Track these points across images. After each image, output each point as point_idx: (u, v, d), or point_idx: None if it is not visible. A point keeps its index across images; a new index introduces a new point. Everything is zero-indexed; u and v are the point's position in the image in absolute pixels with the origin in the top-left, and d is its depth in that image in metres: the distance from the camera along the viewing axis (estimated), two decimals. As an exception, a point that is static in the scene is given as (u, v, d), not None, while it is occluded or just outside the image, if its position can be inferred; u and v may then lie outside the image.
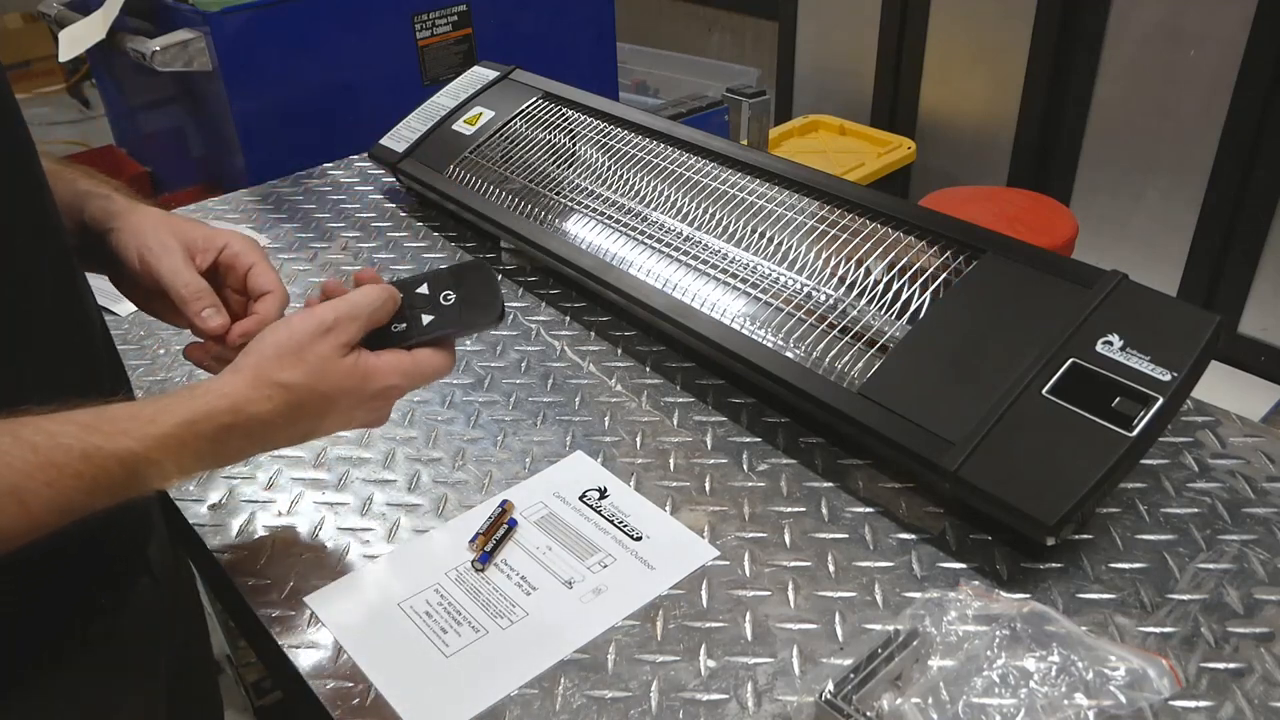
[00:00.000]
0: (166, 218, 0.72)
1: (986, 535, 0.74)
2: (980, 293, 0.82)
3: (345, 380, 0.63)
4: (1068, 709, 0.58)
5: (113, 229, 0.70)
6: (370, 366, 0.64)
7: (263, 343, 0.62)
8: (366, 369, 0.64)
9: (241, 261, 0.71)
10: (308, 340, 0.62)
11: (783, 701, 0.62)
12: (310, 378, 0.61)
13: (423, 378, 0.67)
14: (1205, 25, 2.07)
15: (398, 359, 0.65)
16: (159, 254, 0.69)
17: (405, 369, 0.66)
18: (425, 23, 1.68)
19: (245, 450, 0.62)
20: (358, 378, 0.63)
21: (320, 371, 0.62)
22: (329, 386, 0.62)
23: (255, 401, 0.60)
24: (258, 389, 0.60)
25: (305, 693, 0.65)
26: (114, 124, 2.05)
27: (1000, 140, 2.51)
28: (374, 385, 0.64)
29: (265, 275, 0.71)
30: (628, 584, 0.71)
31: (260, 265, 0.72)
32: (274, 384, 0.60)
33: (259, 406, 0.60)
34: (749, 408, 0.89)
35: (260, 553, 0.76)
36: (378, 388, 0.64)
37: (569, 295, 1.08)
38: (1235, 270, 2.19)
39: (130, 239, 0.70)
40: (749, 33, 3.31)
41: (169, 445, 0.56)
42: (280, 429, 0.62)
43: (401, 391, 0.66)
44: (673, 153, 1.10)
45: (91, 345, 0.68)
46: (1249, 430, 0.84)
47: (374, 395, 0.65)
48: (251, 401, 0.59)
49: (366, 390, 0.64)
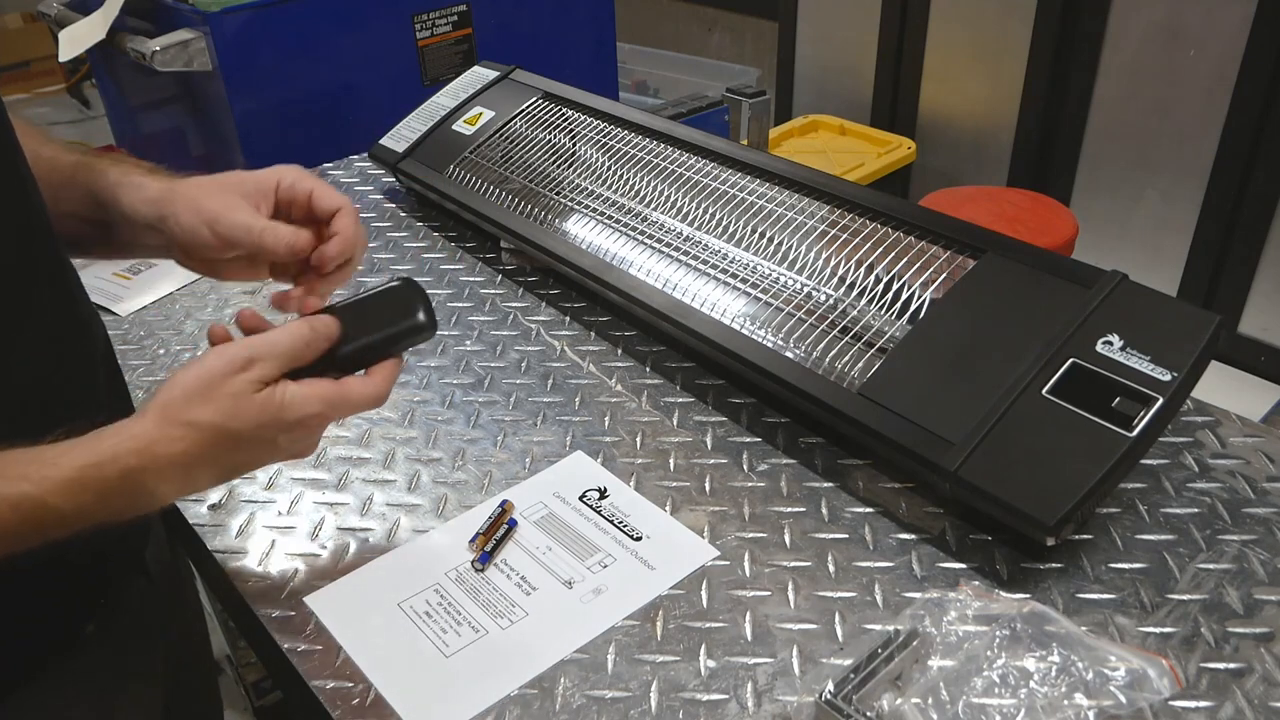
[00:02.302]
0: (211, 184, 0.69)
1: (986, 535, 0.74)
2: (980, 293, 0.82)
3: (260, 415, 0.59)
4: (1068, 709, 0.58)
5: (165, 215, 0.68)
6: (288, 398, 0.60)
7: (172, 383, 0.59)
8: (283, 400, 0.60)
9: (299, 190, 0.69)
10: (218, 379, 0.59)
11: (783, 701, 0.62)
12: (221, 416, 0.58)
13: (350, 406, 0.63)
14: (1205, 25, 2.07)
15: (320, 388, 0.61)
16: (229, 217, 0.67)
17: (328, 397, 0.61)
18: (425, 23, 1.68)
19: (164, 491, 0.59)
20: (273, 410, 0.59)
21: (232, 410, 0.58)
22: (241, 424, 0.58)
23: (162, 442, 0.57)
24: (164, 429, 0.57)
25: (305, 693, 0.65)
26: (114, 124, 2.05)
27: (1000, 140, 2.51)
28: (292, 415, 0.60)
29: (327, 195, 0.69)
30: (628, 584, 0.71)
31: (319, 187, 0.70)
32: (183, 423, 0.57)
33: (168, 447, 0.57)
34: (749, 408, 0.89)
35: (260, 553, 0.76)
36: (296, 417, 0.60)
37: (569, 295, 1.08)
38: (1235, 270, 2.19)
39: (192, 218, 0.67)
40: (749, 33, 3.31)
41: (69, 489, 0.54)
42: (198, 468, 0.59)
43: (326, 420, 0.62)
44: (673, 153, 1.10)
45: (86, 345, 0.68)
46: (1249, 430, 0.84)
47: (294, 425, 0.60)
48: (158, 442, 0.57)
49: (285, 420, 0.60)
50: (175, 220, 0.68)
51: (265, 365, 0.60)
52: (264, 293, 1.11)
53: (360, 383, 0.64)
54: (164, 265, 1.17)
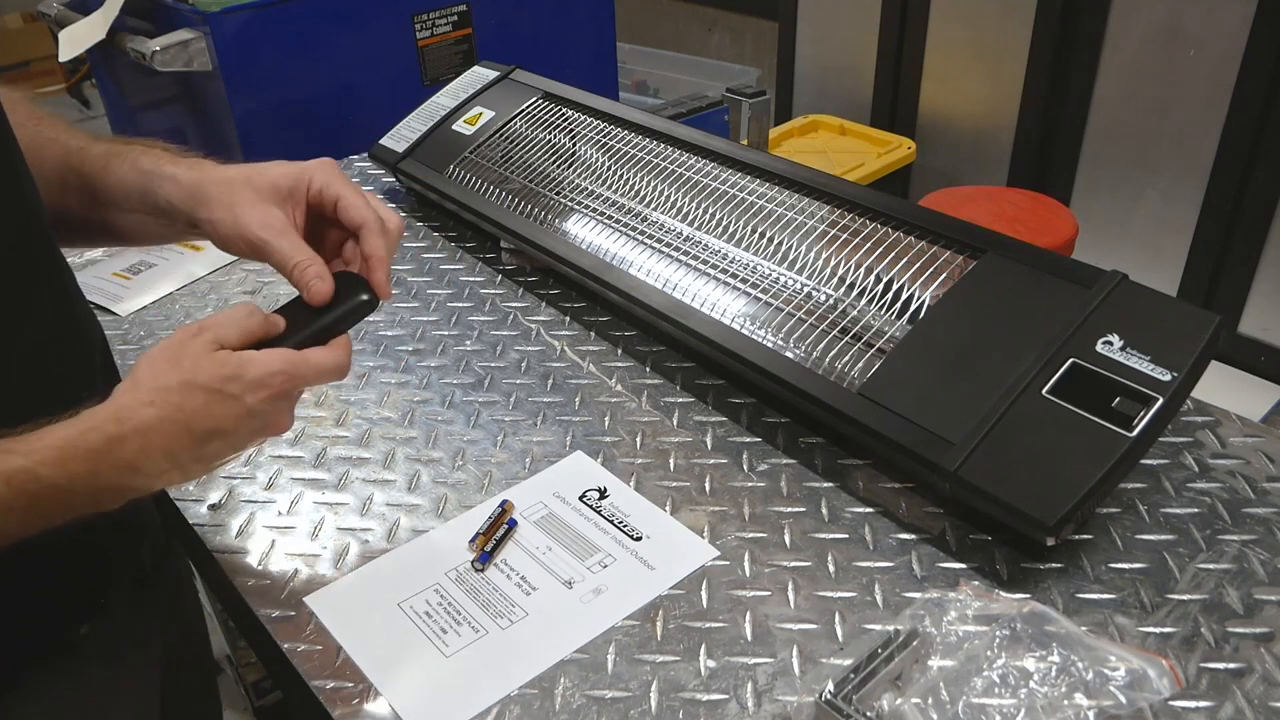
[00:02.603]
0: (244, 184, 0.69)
1: (986, 535, 0.74)
2: (980, 293, 0.82)
3: (219, 368, 0.60)
4: (1068, 709, 0.58)
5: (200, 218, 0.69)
6: (247, 356, 0.61)
7: (141, 358, 0.61)
8: (242, 358, 0.61)
9: (327, 196, 0.69)
10: (178, 344, 0.60)
11: (783, 701, 0.62)
12: (183, 374, 0.59)
13: (311, 369, 0.63)
14: (1205, 25, 2.07)
15: (279, 351, 0.62)
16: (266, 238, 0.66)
17: (288, 357, 0.62)
18: (425, 23, 1.68)
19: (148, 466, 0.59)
20: (232, 365, 0.60)
21: (192, 367, 0.59)
22: (205, 378, 0.59)
23: (134, 407, 0.58)
24: (135, 395, 0.58)
25: (305, 693, 0.65)
26: (114, 124, 2.05)
27: (1000, 140, 2.51)
28: (253, 372, 0.60)
29: (354, 207, 0.68)
30: (628, 584, 0.71)
31: (346, 196, 0.68)
32: (153, 389, 0.58)
33: (143, 413, 0.58)
34: (749, 408, 0.89)
35: (260, 553, 0.76)
36: (257, 374, 0.60)
37: (569, 295, 1.08)
38: (1235, 270, 2.19)
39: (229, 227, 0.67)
40: (749, 33, 3.31)
41: (58, 458, 0.55)
42: (176, 436, 0.59)
43: (289, 382, 0.62)
44: (673, 153, 1.10)
45: (83, 345, 0.68)
46: (1249, 430, 0.84)
47: (257, 383, 0.60)
48: (130, 408, 0.58)
49: (246, 377, 0.60)
50: (210, 225, 0.68)
51: (220, 329, 0.61)
52: (264, 293, 1.11)
53: (320, 351, 0.64)
54: (164, 265, 1.17)
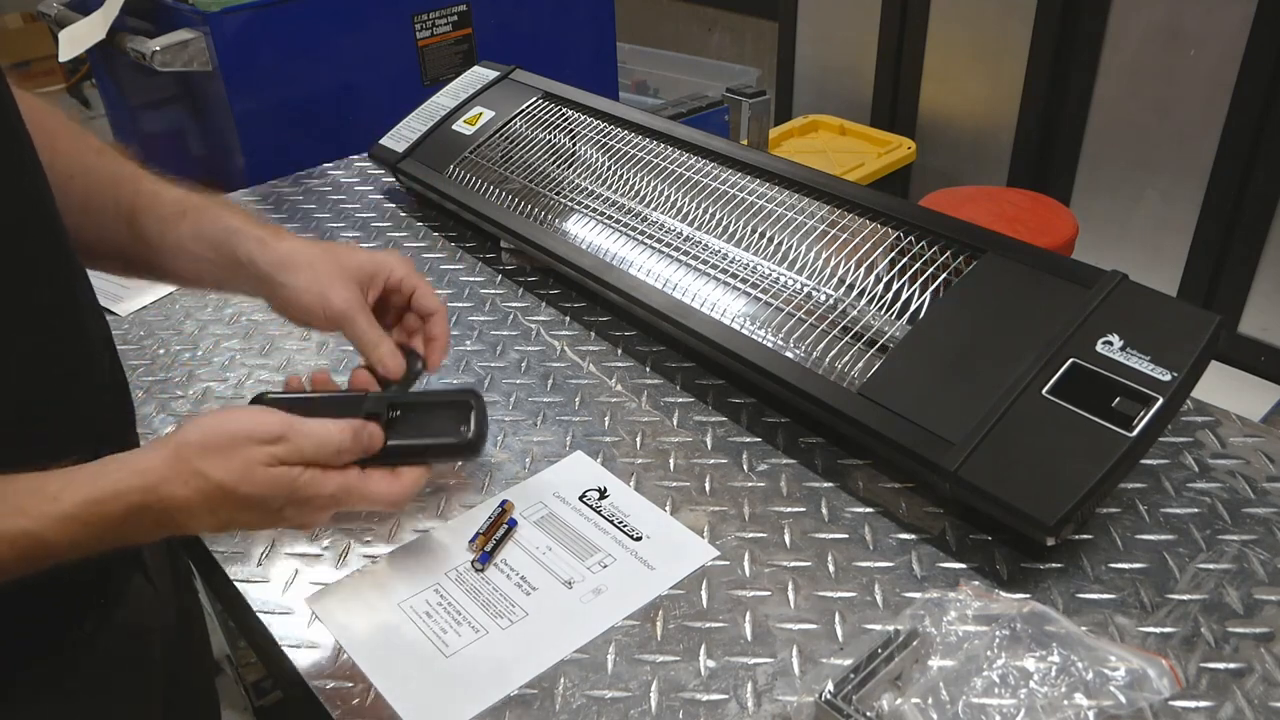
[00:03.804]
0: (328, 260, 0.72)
1: (986, 535, 0.74)
2: (980, 293, 0.82)
3: (271, 488, 0.59)
4: (1068, 709, 0.58)
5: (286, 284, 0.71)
6: (304, 478, 0.60)
7: (194, 425, 0.59)
8: (297, 480, 0.60)
9: (406, 286, 0.75)
10: (241, 440, 0.59)
11: (783, 701, 0.62)
12: (232, 477, 0.58)
13: (366, 501, 0.64)
14: (1205, 25, 2.07)
15: (341, 476, 0.62)
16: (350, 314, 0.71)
17: (347, 484, 0.62)
18: (425, 23, 1.68)
19: (155, 533, 0.59)
20: (285, 485, 0.60)
21: (244, 475, 0.58)
22: (250, 490, 0.59)
23: (172, 483, 0.57)
24: (175, 470, 0.57)
25: (305, 693, 0.65)
26: (114, 124, 2.05)
27: (1000, 140, 2.51)
28: (303, 494, 0.60)
29: (428, 297, 0.75)
30: (628, 584, 0.71)
31: (422, 287, 0.75)
32: (195, 471, 0.57)
33: (175, 489, 0.57)
34: (749, 408, 0.89)
35: (260, 553, 0.76)
36: (307, 496, 0.61)
37: (569, 295, 1.08)
38: (1235, 270, 2.19)
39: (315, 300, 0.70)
40: (749, 33, 3.31)
41: (69, 526, 0.53)
42: (196, 516, 0.58)
43: (338, 505, 0.63)
44: (673, 153, 1.10)
45: (86, 346, 0.68)
46: (1249, 430, 0.84)
47: (304, 502, 0.61)
48: (166, 483, 0.56)
49: (295, 497, 0.60)
50: (293, 291, 0.71)
51: (291, 447, 0.60)
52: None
53: (383, 479, 0.65)
54: (164, 265, 1.17)
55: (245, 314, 1.07)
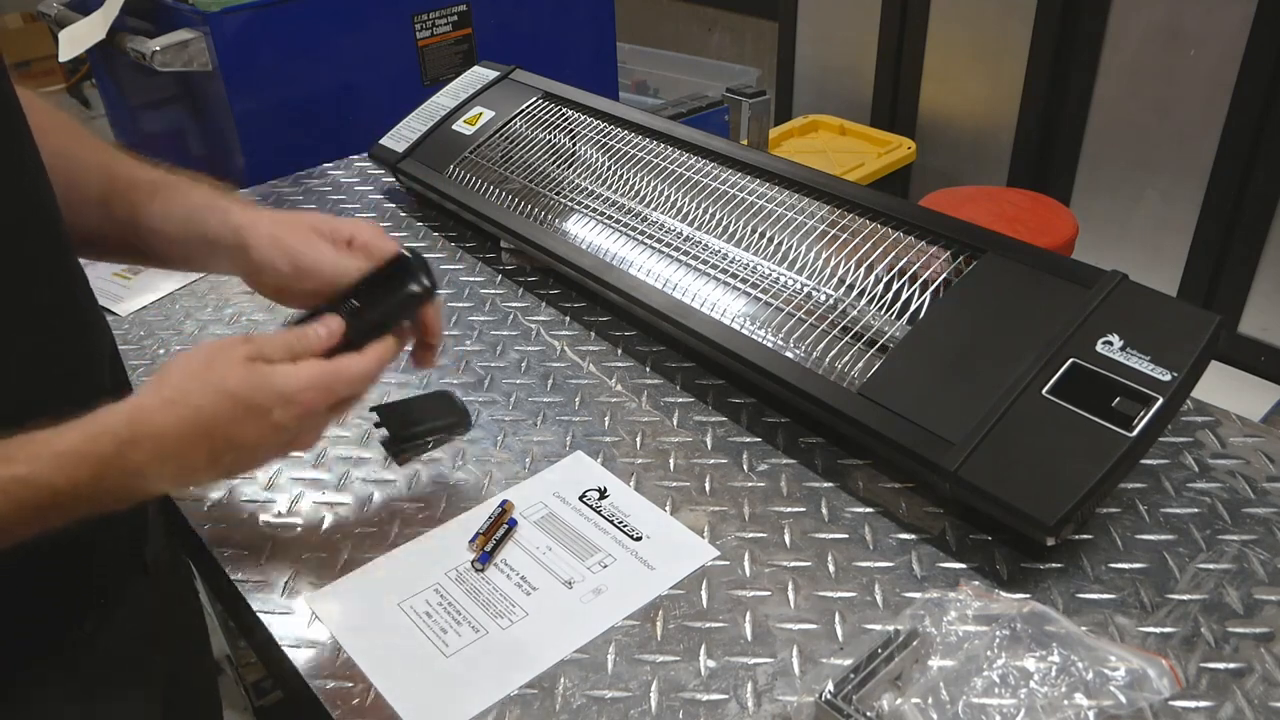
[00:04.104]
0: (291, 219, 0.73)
1: (986, 535, 0.74)
2: (980, 293, 0.82)
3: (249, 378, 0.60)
4: (1068, 709, 0.58)
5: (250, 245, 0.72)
6: (280, 368, 0.61)
7: (170, 361, 0.61)
8: (273, 370, 0.61)
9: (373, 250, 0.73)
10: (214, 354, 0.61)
11: (783, 701, 0.62)
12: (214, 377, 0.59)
13: (344, 379, 0.64)
14: (1205, 25, 2.07)
15: (312, 363, 0.64)
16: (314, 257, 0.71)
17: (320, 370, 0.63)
18: (425, 23, 1.68)
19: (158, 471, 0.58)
20: (261, 376, 0.60)
21: (224, 373, 0.60)
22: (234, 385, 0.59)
23: (154, 410, 0.57)
24: (160, 393, 0.58)
25: (305, 693, 0.65)
26: (114, 124, 2.05)
27: (1000, 140, 2.51)
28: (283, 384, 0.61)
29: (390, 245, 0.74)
30: (628, 584, 0.71)
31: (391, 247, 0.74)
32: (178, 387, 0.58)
33: (160, 416, 0.57)
34: (749, 408, 0.89)
35: (260, 553, 0.76)
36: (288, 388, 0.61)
37: (569, 295, 1.08)
38: (1235, 270, 2.19)
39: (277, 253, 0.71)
40: (749, 33, 3.31)
41: (62, 464, 0.53)
42: (193, 443, 0.58)
43: (322, 397, 0.63)
44: (673, 153, 1.10)
45: (87, 347, 0.68)
46: (1249, 430, 0.84)
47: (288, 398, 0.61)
48: (150, 410, 0.57)
49: (276, 389, 0.61)
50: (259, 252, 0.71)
51: (256, 345, 0.62)
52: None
53: (353, 359, 0.66)
54: (164, 265, 1.17)
55: (245, 314, 1.07)
